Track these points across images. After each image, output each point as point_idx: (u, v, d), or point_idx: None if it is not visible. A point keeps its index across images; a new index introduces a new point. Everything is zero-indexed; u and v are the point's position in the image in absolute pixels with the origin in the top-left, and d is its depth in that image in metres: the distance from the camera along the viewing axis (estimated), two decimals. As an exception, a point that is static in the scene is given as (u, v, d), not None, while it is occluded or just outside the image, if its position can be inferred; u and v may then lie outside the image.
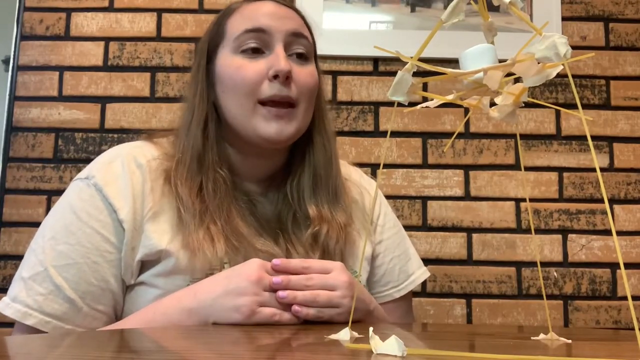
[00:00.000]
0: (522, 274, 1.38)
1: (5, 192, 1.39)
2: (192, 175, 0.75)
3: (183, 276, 0.71)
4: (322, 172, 0.82)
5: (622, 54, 1.46)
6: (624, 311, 1.36)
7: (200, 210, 0.73)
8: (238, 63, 0.77)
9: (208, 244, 0.71)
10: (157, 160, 0.78)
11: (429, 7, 1.46)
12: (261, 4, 0.81)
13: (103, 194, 0.73)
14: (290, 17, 0.80)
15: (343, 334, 0.50)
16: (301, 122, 0.79)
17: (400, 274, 0.89)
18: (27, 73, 1.44)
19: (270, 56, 0.77)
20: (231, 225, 0.73)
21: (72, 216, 0.73)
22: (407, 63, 0.43)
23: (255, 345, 0.50)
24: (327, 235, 0.78)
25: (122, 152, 0.78)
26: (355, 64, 1.45)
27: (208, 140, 0.78)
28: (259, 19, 0.78)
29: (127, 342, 0.50)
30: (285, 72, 0.75)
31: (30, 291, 0.69)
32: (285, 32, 0.78)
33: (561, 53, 0.38)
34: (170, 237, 0.73)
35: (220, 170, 0.77)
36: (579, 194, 1.41)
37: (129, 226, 0.72)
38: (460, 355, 0.41)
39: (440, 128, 1.43)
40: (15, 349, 0.42)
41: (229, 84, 0.77)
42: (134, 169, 0.75)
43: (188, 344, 0.48)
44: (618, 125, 1.43)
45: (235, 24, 0.80)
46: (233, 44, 0.78)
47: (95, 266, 0.71)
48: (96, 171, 0.75)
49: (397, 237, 0.92)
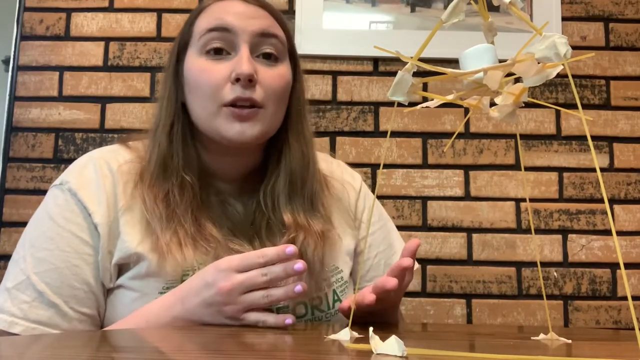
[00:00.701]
0: (522, 274, 1.38)
1: (5, 192, 1.39)
2: (157, 182, 0.75)
3: (156, 279, 0.71)
4: (298, 178, 0.80)
5: (622, 54, 1.46)
6: (624, 311, 1.36)
7: (167, 215, 0.73)
8: (202, 65, 0.76)
9: (176, 247, 0.70)
10: (129, 164, 0.78)
11: (429, 7, 1.46)
12: (229, 3, 0.78)
13: (77, 198, 0.73)
14: (259, 17, 0.78)
15: (343, 334, 0.50)
16: (268, 124, 0.77)
17: (386, 269, 0.89)
18: (27, 73, 1.44)
19: (234, 58, 0.75)
20: (201, 229, 0.73)
21: (49, 222, 0.73)
22: (407, 63, 0.43)
23: (255, 345, 0.50)
24: (305, 242, 0.76)
25: (94, 156, 0.78)
26: (355, 64, 1.45)
27: (173, 144, 0.77)
28: (224, 18, 0.76)
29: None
30: (247, 75, 0.73)
31: (15, 300, 0.69)
32: (251, 33, 0.76)
33: (561, 53, 0.38)
34: (140, 239, 0.73)
35: (185, 175, 0.76)
36: (579, 194, 1.41)
37: (104, 230, 0.72)
38: (460, 355, 0.41)
39: (440, 128, 1.43)
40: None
41: (193, 85, 0.77)
42: (106, 173, 0.76)
43: (187, 344, 0.48)
44: (618, 125, 1.43)
45: (201, 22, 0.78)
46: (198, 44, 0.77)
47: (75, 269, 0.71)
48: (70, 176, 0.76)
49: (381, 231, 0.91)
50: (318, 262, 0.77)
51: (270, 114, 0.77)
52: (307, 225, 0.78)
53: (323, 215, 0.81)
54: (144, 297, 0.70)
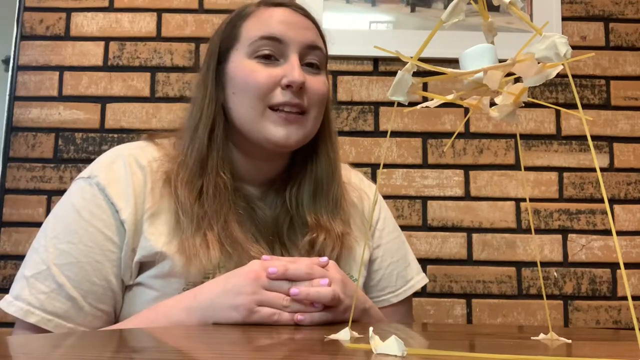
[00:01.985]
0: (522, 274, 1.38)
1: (5, 192, 1.39)
2: (193, 179, 0.75)
3: (179, 279, 0.72)
4: (324, 182, 0.82)
5: (622, 54, 1.46)
6: (624, 311, 1.36)
7: (199, 215, 0.73)
8: (252, 67, 0.77)
9: (203, 250, 0.71)
10: (158, 162, 0.78)
11: (429, 7, 1.46)
12: (277, 10, 0.80)
13: (105, 194, 0.73)
14: (307, 28, 0.80)
15: (343, 334, 0.50)
16: (310, 128, 0.80)
17: (398, 280, 0.89)
18: (27, 73, 1.44)
19: (284, 65, 0.77)
20: (227, 231, 0.74)
21: (74, 215, 0.73)
22: (407, 63, 0.43)
23: (255, 345, 0.50)
24: (324, 243, 0.78)
25: (123, 153, 0.78)
26: (355, 64, 1.45)
27: (214, 143, 0.78)
28: (275, 27, 0.78)
29: (127, 341, 0.50)
30: (299, 83, 0.75)
31: (32, 289, 0.69)
32: (301, 44, 0.78)
33: (561, 53, 0.38)
34: (167, 239, 0.73)
35: (222, 174, 0.77)
36: (579, 194, 1.41)
37: (130, 227, 0.72)
38: (460, 355, 0.41)
39: (440, 128, 1.43)
40: (17, 349, 0.42)
41: (240, 85, 0.77)
42: (135, 170, 0.76)
43: (189, 344, 0.48)
44: (618, 125, 1.43)
45: (250, 28, 0.79)
46: (248, 49, 0.78)
47: (97, 265, 0.71)
48: (98, 171, 0.75)
49: (396, 242, 0.92)
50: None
51: (313, 118, 0.79)
52: (329, 226, 0.79)
53: (344, 218, 0.83)
54: (164, 297, 0.70)
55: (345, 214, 0.84)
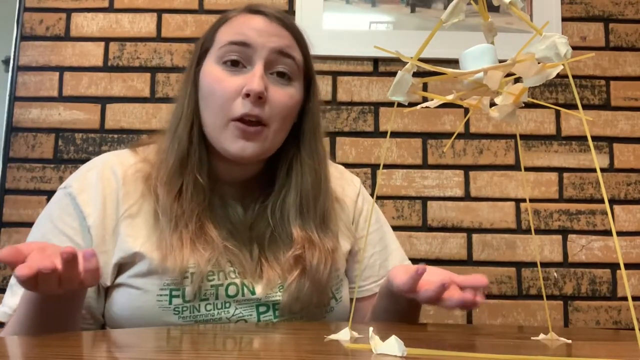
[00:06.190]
0: (522, 275, 1.38)
1: (5, 193, 1.39)
2: (172, 178, 0.76)
3: (159, 276, 0.73)
4: (310, 195, 0.81)
5: (622, 54, 1.46)
6: (624, 311, 1.36)
7: (177, 215, 0.75)
8: (217, 74, 0.78)
9: (178, 249, 0.73)
10: (135, 166, 0.79)
11: (429, 7, 1.46)
12: (252, 18, 0.80)
13: (76, 202, 0.76)
14: (279, 35, 0.79)
15: (343, 334, 0.50)
16: (270, 142, 0.79)
17: (381, 269, 0.90)
18: (27, 73, 1.44)
19: (248, 72, 0.77)
20: (202, 229, 0.75)
21: (49, 225, 0.76)
22: (407, 63, 0.43)
23: (255, 345, 0.50)
24: (313, 259, 0.78)
25: (99, 162, 0.81)
26: (355, 64, 1.45)
27: (192, 143, 0.78)
28: (246, 33, 0.78)
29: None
30: (257, 92, 0.74)
31: (14, 295, 0.72)
32: (269, 50, 0.77)
33: (561, 53, 0.38)
34: (145, 238, 0.75)
35: (199, 176, 0.77)
36: (579, 194, 1.41)
37: (97, 232, 0.75)
38: (460, 355, 0.41)
39: (440, 128, 1.43)
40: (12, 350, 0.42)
41: (206, 92, 0.78)
42: (108, 176, 0.78)
43: (189, 344, 0.48)
44: (618, 126, 1.43)
45: (223, 33, 0.80)
46: (217, 53, 0.79)
47: None
48: (72, 180, 0.79)
49: (378, 233, 0.93)
50: (325, 278, 0.79)
51: (273, 132, 0.78)
52: (320, 243, 0.79)
53: (334, 232, 0.83)
54: (145, 295, 0.73)
55: (335, 225, 0.84)
